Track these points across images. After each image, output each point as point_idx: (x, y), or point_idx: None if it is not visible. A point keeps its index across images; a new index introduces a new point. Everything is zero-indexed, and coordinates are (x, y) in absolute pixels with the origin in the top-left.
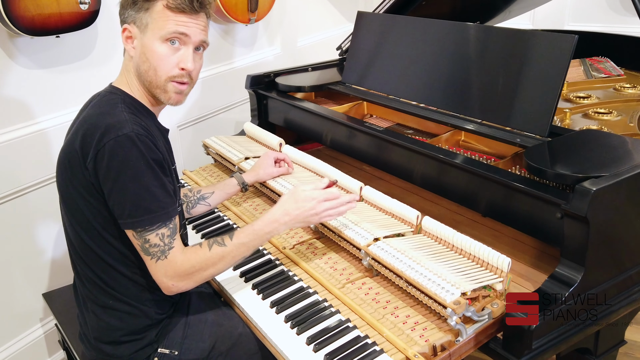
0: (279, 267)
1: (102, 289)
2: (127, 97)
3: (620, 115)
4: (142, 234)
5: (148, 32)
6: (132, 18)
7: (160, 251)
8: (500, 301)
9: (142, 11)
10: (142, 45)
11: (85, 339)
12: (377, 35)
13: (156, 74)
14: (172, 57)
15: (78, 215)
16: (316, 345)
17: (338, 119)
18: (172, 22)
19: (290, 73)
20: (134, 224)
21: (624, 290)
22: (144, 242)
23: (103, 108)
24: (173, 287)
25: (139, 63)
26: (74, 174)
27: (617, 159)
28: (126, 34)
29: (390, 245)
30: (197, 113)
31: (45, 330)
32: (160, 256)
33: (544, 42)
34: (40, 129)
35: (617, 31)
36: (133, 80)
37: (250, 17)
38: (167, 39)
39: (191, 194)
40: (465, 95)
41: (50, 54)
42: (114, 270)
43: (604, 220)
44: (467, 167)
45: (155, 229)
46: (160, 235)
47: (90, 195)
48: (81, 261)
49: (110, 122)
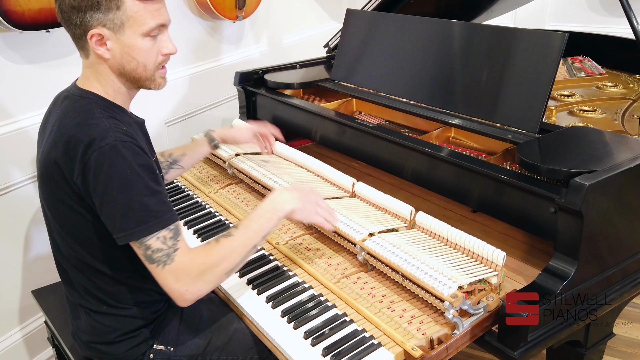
0: (273, 262)
1: (96, 296)
2: (99, 99)
3: (604, 113)
4: (142, 242)
5: (126, 31)
6: (98, 21)
7: (166, 255)
8: (496, 294)
9: (111, 11)
10: (124, 45)
11: (78, 338)
12: (366, 33)
13: (146, 69)
14: (154, 48)
15: (70, 227)
16: (314, 339)
17: (328, 115)
18: (149, 16)
19: (278, 70)
20: (127, 236)
21: (615, 282)
22: (146, 249)
23: (80, 116)
24: (187, 293)
25: (123, 63)
26: (59, 187)
27: (607, 154)
28: (96, 38)
29: (385, 240)
30: (184, 110)
31: (34, 328)
32: (166, 260)
33: (535, 39)
34: (30, 124)
35: (596, 31)
36: (109, 81)
37: (237, 14)
38: (149, 34)
39: (163, 159)
40: (455, 92)
41: (40, 49)
42: (110, 279)
43: (597, 214)
44: (464, 164)
45: (155, 234)
46: (161, 238)
47: (82, 207)
48: (73, 269)
49: (91, 132)
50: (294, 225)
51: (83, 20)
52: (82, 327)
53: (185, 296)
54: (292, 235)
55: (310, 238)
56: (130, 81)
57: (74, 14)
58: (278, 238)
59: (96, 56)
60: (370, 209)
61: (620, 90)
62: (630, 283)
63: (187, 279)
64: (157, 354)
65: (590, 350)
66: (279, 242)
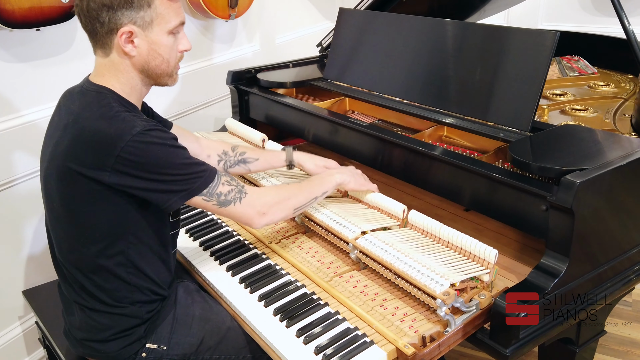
0: (266, 261)
1: (93, 294)
2: (115, 95)
3: (596, 112)
4: (211, 192)
5: (154, 28)
6: (129, 18)
7: (238, 191)
8: (488, 292)
9: (142, 9)
10: (151, 42)
11: (71, 336)
12: (359, 32)
13: (168, 65)
14: (175, 45)
15: (82, 220)
16: (306, 337)
17: (321, 114)
18: (173, 14)
19: (271, 69)
20: (193, 191)
21: (606, 280)
22: (218, 196)
23: (99, 111)
24: (266, 216)
25: (148, 60)
26: (78, 181)
27: (599, 152)
28: (126, 36)
29: (378, 238)
30: (176, 109)
31: (25, 329)
32: (240, 196)
33: (527, 38)
34: (20, 124)
35: (589, 31)
36: (129, 78)
37: (230, 13)
38: (172, 32)
39: (232, 153)
40: (447, 91)
41: (30, 48)
42: (110, 275)
43: (588, 212)
44: (457, 163)
45: (217, 180)
46: (225, 183)
47: (104, 200)
48: (72, 266)
49: (118, 125)
50: (286, 224)
51: (113, 17)
52: (76, 324)
53: (263, 218)
54: (284, 234)
55: (303, 237)
56: (151, 77)
57: (103, 11)
58: (271, 237)
59: (121, 53)
60: (362, 208)
61: (612, 89)
62: (621, 280)
63: (263, 204)
64: (149, 352)
65: (582, 348)
66: (272, 241)
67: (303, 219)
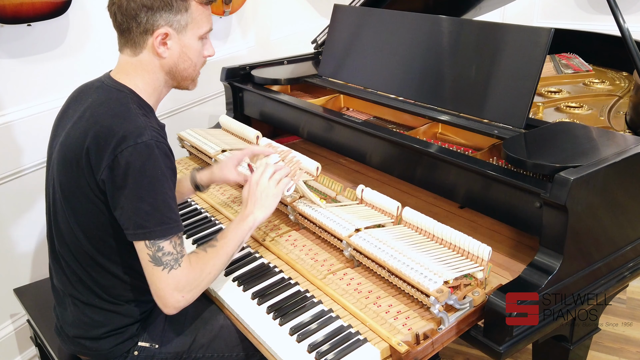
0: (259, 259)
1: (90, 288)
2: (135, 96)
3: (590, 109)
4: (155, 242)
5: (188, 32)
6: (166, 20)
7: (174, 260)
8: (481, 289)
9: (180, 13)
10: (183, 46)
11: (63, 333)
12: (354, 28)
13: (195, 69)
14: (202, 50)
15: (81, 215)
16: (299, 335)
17: (315, 112)
18: (205, 20)
19: (266, 66)
20: (146, 234)
21: (600, 277)
22: (157, 250)
23: (116, 109)
24: (182, 300)
25: (178, 62)
26: (82, 174)
27: (593, 149)
28: (161, 37)
29: (371, 235)
30: (170, 106)
31: (16, 327)
32: (173, 265)
33: (521, 35)
34: (9, 121)
35: (584, 28)
36: (154, 79)
37: (224, 9)
38: (202, 37)
39: None
40: (442, 88)
41: (21, 43)
42: (107, 272)
43: (582, 209)
44: (451, 160)
45: (170, 238)
46: (173, 243)
47: (99, 199)
48: (71, 257)
49: (128, 127)
50: (280, 222)
51: (151, 19)
52: (68, 320)
53: (179, 304)
54: (277, 232)
55: (296, 234)
56: (175, 79)
57: (142, 12)
58: (264, 235)
59: (152, 53)
60: (356, 205)
61: (607, 87)
62: (615, 277)
63: (187, 287)
64: (141, 351)
65: (576, 345)
66: (265, 239)
67: (297, 217)
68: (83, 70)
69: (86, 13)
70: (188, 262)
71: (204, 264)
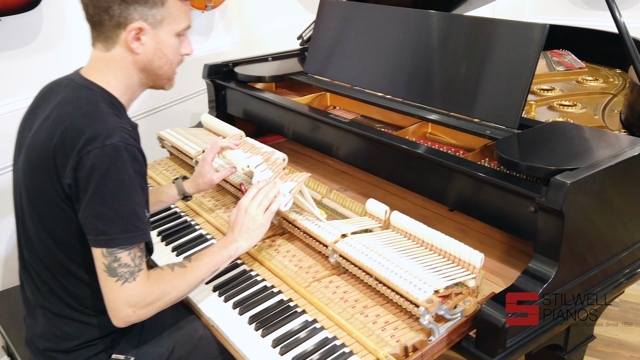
0: (241, 266)
1: (61, 298)
2: (106, 94)
3: (584, 108)
4: (113, 252)
5: (163, 28)
6: (140, 14)
7: (129, 272)
8: (473, 298)
9: (156, 7)
10: (158, 42)
11: (33, 345)
12: (340, 24)
13: (171, 67)
14: (179, 48)
15: (49, 222)
16: (282, 347)
17: (301, 110)
18: (183, 16)
19: (249, 63)
20: (107, 242)
21: (596, 284)
22: (113, 260)
23: (84, 108)
24: (132, 316)
25: (152, 59)
26: (48, 177)
27: (589, 151)
28: (135, 32)
29: (358, 241)
30: (150, 104)
31: None
32: (128, 278)
33: (515, 31)
34: None
35: (576, 24)
36: (127, 76)
37: (206, 3)
38: (179, 34)
39: None
40: (432, 86)
41: None
42: (78, 280)
43: (578, 214)
44: (441, 162)
45: (129, 248)
46: (132, 254)
47: (64, 203)
48: (41, 266)
49: (97, 128)
50: None
51: (124, 12)
52: (38, 331)
53: (128, 318)
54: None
55: (280, 239)
56: (150, 77)
57: (115, 4)
58: None
59: (125, 49)
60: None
61: (601, 84)
62: (611, 284)
63: (140, 303)
64: None
65: (571, 354)
66: None
67: (281, 221)
68: (58, 68)
69: (60, 6)
70: (145, 277)
71: (166, 282)
